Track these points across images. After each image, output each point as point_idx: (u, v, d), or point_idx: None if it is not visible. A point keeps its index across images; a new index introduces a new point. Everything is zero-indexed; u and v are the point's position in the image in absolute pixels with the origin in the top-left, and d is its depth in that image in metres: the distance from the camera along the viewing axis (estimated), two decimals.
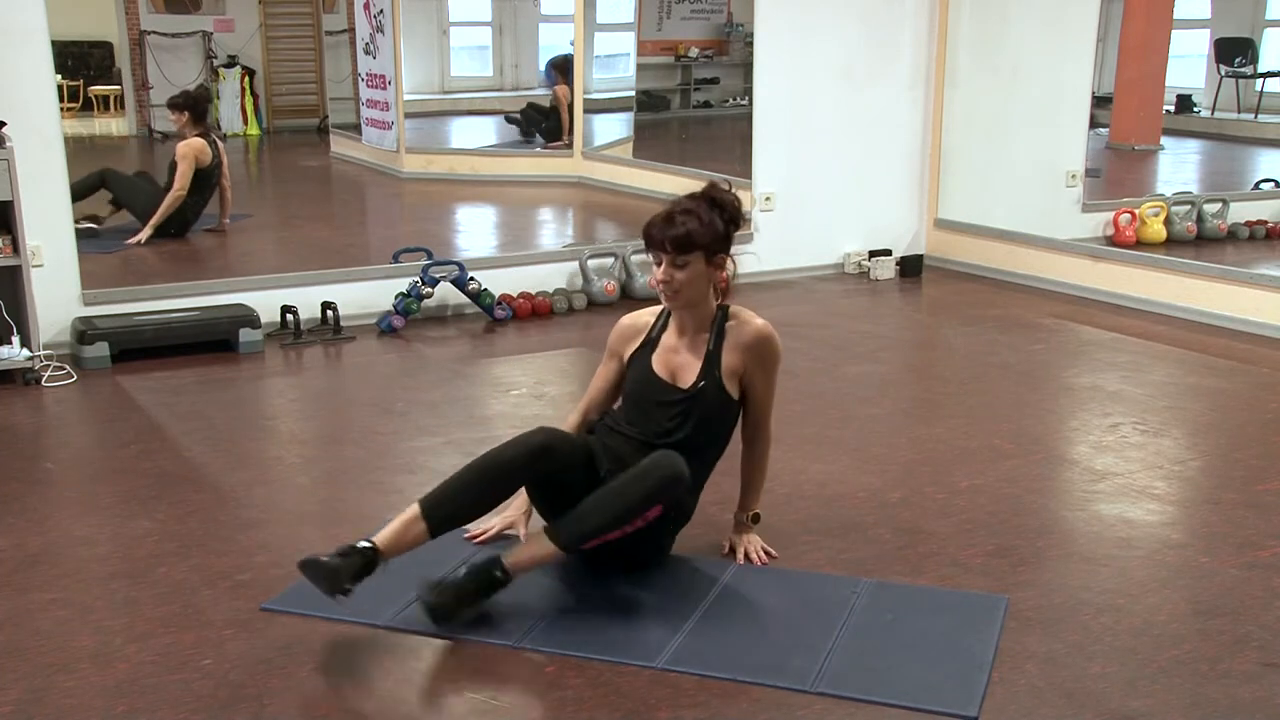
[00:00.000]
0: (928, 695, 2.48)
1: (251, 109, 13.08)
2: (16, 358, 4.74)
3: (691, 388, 2.98)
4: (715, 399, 2.99)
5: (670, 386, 3.01)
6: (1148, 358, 5.13)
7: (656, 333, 3.08)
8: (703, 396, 2.97)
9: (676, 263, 2.90)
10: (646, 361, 3.05)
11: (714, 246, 2.92)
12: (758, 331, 3.02)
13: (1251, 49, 9.08)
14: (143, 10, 12.80)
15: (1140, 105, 8.54)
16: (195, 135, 7.25)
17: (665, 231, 2.89)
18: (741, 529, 3.15)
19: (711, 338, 3.01)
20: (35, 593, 2.99)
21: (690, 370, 3.00)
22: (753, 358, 3.01)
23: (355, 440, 4.16)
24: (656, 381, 3.02)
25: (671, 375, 3.02)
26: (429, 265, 5.75)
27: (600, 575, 2.98)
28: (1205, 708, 2.44)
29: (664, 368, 3.03)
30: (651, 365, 3.04)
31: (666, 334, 3.06)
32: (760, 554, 3.08)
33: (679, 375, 3.01)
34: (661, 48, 10.85)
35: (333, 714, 2.46)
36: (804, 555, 3.15)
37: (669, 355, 3.04)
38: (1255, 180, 8.39)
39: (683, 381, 3.00)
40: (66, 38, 12.78)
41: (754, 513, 3.15)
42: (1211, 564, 3.11)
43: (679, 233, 2.88)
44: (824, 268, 6.90)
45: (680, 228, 2.88)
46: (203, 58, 12.98)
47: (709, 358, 3.00)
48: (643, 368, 3.05)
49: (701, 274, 2.92)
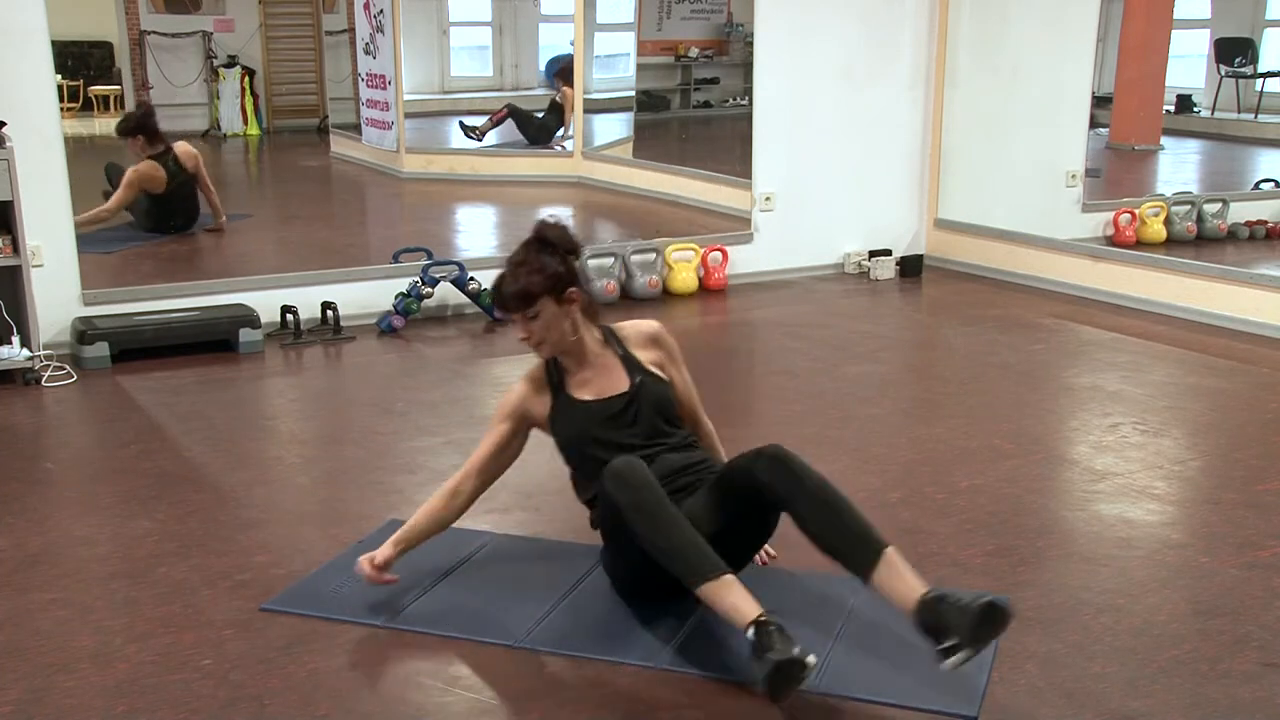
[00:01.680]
0: (928, 695, 2.48)
1: (251, 109, 13.07)
2: (16, 358, 4.74)
3: (631, 386, 2.93)
4: (658, 388, 2.95)
5: (612, 398, 2.92)
6: (1148, 358, 5.13)
7: (558, 379, 2.96)
8: (645, 388, 2.93)
9: (528, 316, 2.84)
10: (572, 401, 2.93)
11: (557, 287, 2.84)
12: (650, 326, 3.06)
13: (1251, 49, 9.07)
14: (143, 10, 12.79)
15: (1140, 105, 8.54)
16: (150, 156, 7.04)
17: (505, 293, 2.84)
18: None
19: (615, 348, 2.98)
20: (35, 593, 2.99)
21: (617, 378, 2.94)
22: (660, 350, 3.03)
23: (355, 440, 4.16)
24: (597, 406, 2.91)
25: (602, 394, 2.93)
26: (429, 265, 5.76)
27: (600, 575, 2.98)
28: (1205, 708, 2.44)
29: (593, 392, 2.93)
30: (581, 399, 2.92)
31: (568, 376, 2.96)
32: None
33: (610, 390, 2.93)
34: (661, 48, 10.84)
35: (333, 714, 2.46)
36: (804, 555, 3.14)
37: (587, 383, 2.94)
38: (1255, 180, 8.38)
39: (618, 390, 2.93)
40: (66, 38, 12.76)
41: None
42: (1211, 564, 3.11)
43: (516, 290, 2.81)
44: (824, 268, 6.89)
45: (516, 284, 2.82)
46: (203, 58, 12.98)
47: (626, 360, 2.97)
48: (574, 408, 2.92)
49: (557, 315, 2.85)
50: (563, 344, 2.90)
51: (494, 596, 2.93)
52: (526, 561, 3.11)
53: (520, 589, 2.96)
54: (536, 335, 2.88)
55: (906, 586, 2.49)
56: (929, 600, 2.43)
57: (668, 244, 6.39)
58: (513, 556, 3.16)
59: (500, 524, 3.33)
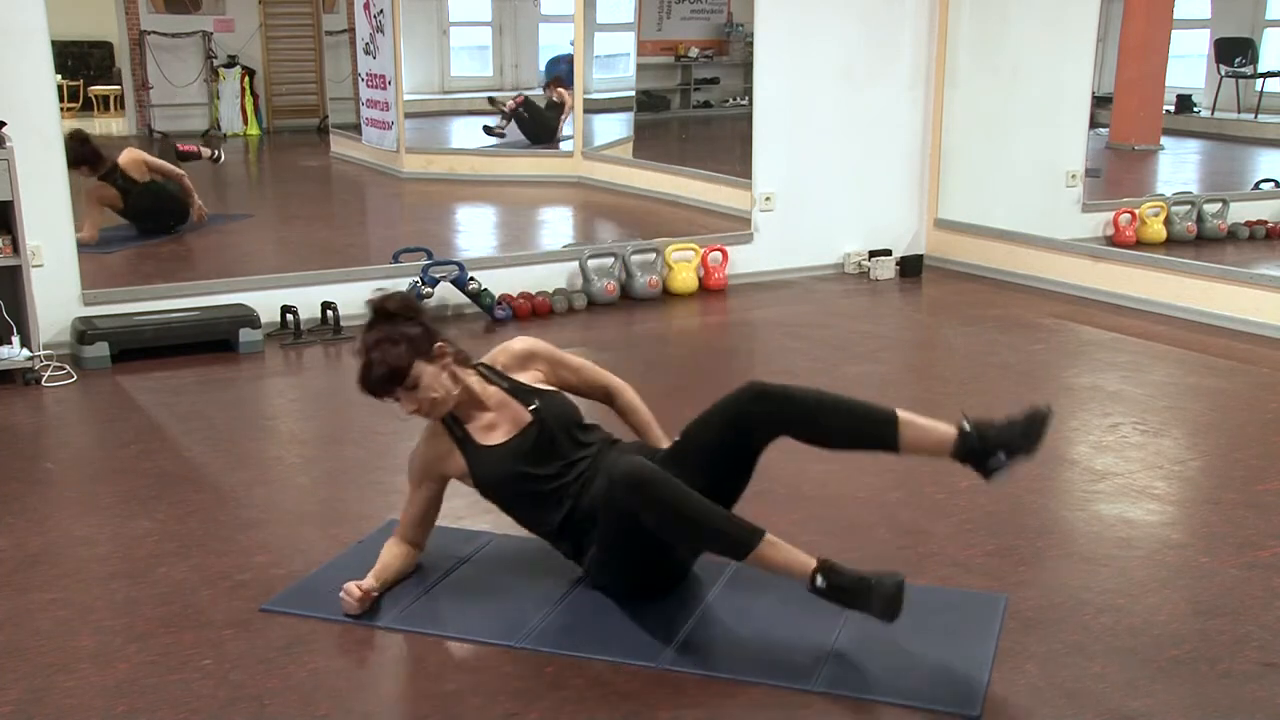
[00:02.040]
0: (930, 694, 2.48)
1: (251, 109, 13.07)
2: (16, 358, 4.74)
3: (532, 415, 2.88)
4: (555, 404, 2.94)
5: (522, 433, 2.87)
6: (1148, 358, 5.13)
7: (461, 434, 2.91)
8: (545, 410, 2.89)
9: (407, 387, 2.78)
10: (485, 449, 2.88)
11: (423, 348, 2.80)
12: (520, 345, 3.04)
13: (1251, 49, 9.07)
14: (143, 10, 12.79)
15: (1140, 105, 8.53)
16: (99, 178, 7.03)
17: (375, 377, 2.77)
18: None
19: (499, 382, 2.94)
20: (35, 593, 2.99)
21: (515, 411, 2.90)
22: (537, 362, 3.02)
23: (355, 440, 4.16)
24: (512, 444, 2.87)
25: (510, 433, 2.88)
26: (429, 265, 5.76)
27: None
28: (1205, 708, 2.44)
29: (501, 434, 2.89)
30: (492, 445, 2.88)
31: (469, 426, 2.91)
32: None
33: (515, 427, 2.89)
34: (661, 48, 10.83)
35: (333, 714, 2.46)
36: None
37: (492, 427, 2.90)
38: (1255, 180, 8.38)
39: (522, 424, 2.89)
40: (66, 38, 12.77)
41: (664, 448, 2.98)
42: (1211, 564, 3.11)
43: (384, 371, 2.75)
44: (824, 268, 6.89)
45: (384, 365, 2.75)
46: (203, 58, 12.98)
47: (514, 391, 2.92)
48: (490, 454, 2.87)
49: (434, 375, 2.80)
50: (449, 400, 2.84)
51: (494, 596, 2.93)
52: (526, 561, 3.11)
53: (520, 589, 2.96)
54: (425, 404, 2.81)
55: (938, 433, 2.68)
56: (967, 433, 2.65)
57: (668, 244, 6.39)
58: (513, 556, 3.16)
59: (500, 524, 3.33)
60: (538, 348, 3.06)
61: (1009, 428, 2.63)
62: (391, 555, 2.98)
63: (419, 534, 3.04)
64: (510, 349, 3.04)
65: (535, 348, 3.06)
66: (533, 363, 3.03)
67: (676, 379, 4.95)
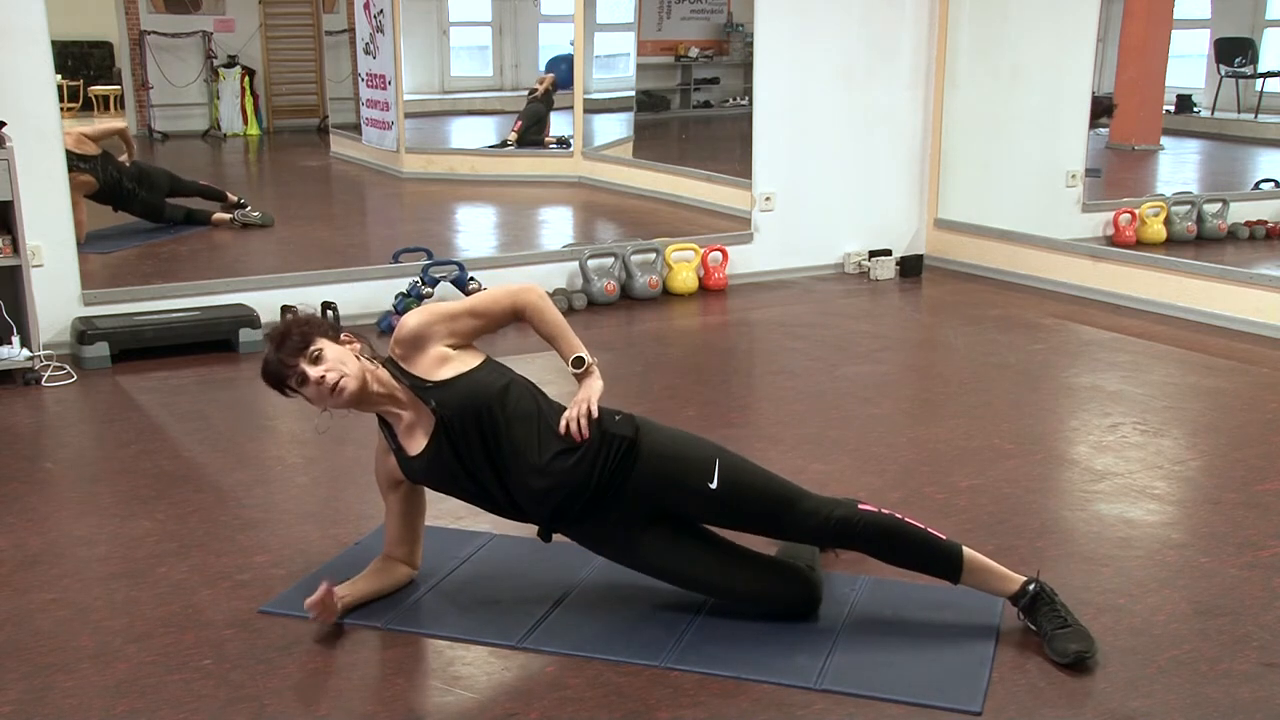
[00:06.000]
0: (931, 691, 2.48)
1: (251, 109, 13.07)
2: (16, 358, 4.74)
3: (434, 418, 2.75)
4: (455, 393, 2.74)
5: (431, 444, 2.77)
6: (1148, 358, 5.13)
7: (394, 444, 2.84)
8: (446, 406, 2.73)
9: (312, 359, 2.71)
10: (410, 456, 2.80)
11: (325, 330, 2.78)
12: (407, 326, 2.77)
13: (1251, 49, 9.07)
14: (143, 10, 12.79)
15: (1140, 105, 8.54)
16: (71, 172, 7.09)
17: (285, 349, 2.73)
18: (580, 382, 2.86)
19: (403, 379, 2.79)
20: (35, 593, 2.99)
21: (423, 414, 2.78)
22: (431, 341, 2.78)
23: (355, 440, 4.15)
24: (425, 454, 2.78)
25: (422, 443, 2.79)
26: (429, 265, 5.76)
27: (600, 575, 2.98)
28: (1205, 708, 2.44)
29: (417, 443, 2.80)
30: (413, 453, 2.79)
31: (396, 428, 2.83)
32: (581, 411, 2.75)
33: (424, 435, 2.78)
34: (661, 48, 10.84)
35: (333, 714, 2.46)
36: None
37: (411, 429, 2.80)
38: (1255, 180, 8.38)
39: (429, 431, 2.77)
40: (66, 38, 12.77)
41: (576, 356, 2.88)
42: (1211, 564, 3.11)
43: (292, 344, 2.72)
44: (824, 268, 6.90)
45: (290, 338, 2.73)
46: (203, 58, 12.98)
47: (416, 389, 2.76)
48: (414, 461, 2.80)
49: (341, 352, 2.74)
50: (359, 379, 2.72)
51: (494, 596, 2.93)
52: (526, 561, 3.11)
53: (520, 589, 2.96)
54: (331, 366, 2.70)
55: (998, 580, 2.76)
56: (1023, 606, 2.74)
57: (668, 244, 6.39)
58: (513, 556, 3.16)
59: (500, 524, 3.33)
60: (427, 317, 2.79)
61: (1051, 639, 2.64)
62: (373, 569, 2.94)
63: (404, 550, 2.96)
64: (400, 336, 2.79)
65: (425, 320, 2.78)
66: (430, 339, 2.78)
67: (676, 379, 4.94)
